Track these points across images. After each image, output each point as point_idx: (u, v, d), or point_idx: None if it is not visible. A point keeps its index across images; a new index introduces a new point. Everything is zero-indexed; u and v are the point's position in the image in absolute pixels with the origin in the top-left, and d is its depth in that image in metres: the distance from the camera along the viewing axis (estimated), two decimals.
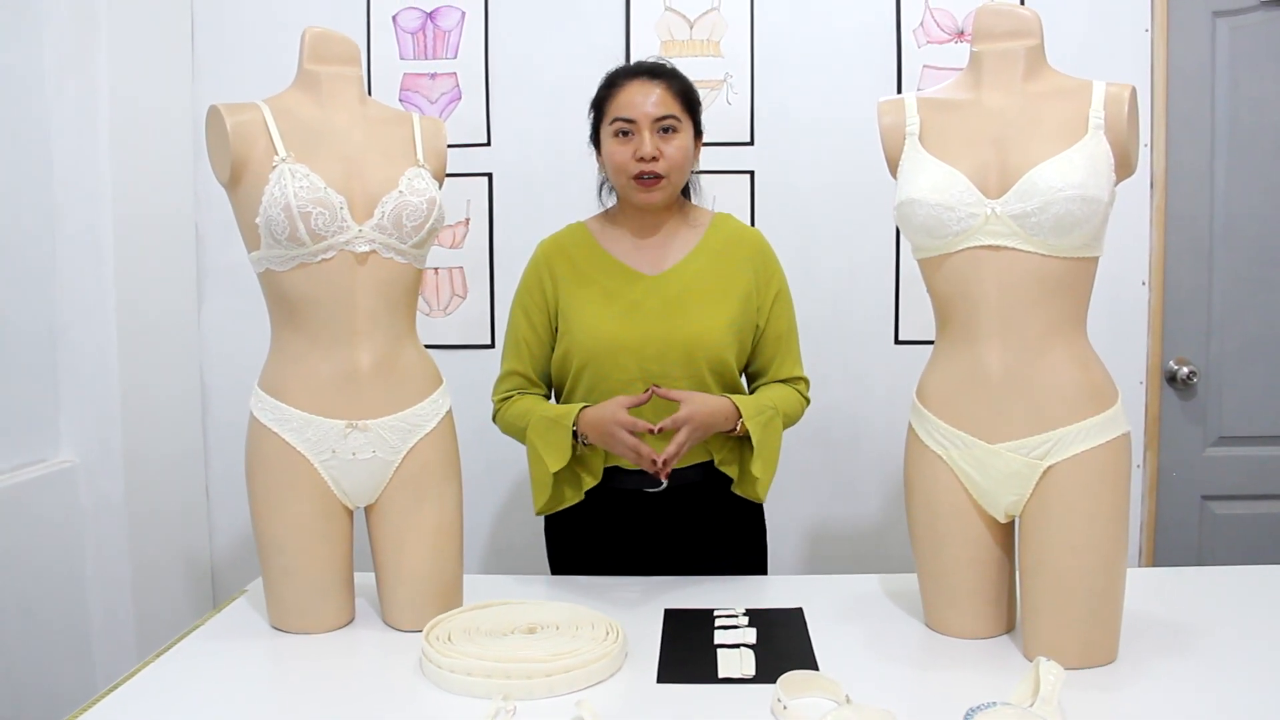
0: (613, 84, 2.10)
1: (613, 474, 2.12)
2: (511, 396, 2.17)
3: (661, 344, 2.07)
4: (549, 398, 2.22)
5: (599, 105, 2.13)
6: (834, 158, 3.00)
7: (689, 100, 2.11)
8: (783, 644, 1.75)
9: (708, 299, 2.10)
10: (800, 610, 1.90)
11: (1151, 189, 2.97)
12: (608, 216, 2.22)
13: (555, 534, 2.27)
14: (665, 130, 2.06)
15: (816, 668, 1.64)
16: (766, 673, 1.60)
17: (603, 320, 2.09)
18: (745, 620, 1.84)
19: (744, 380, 2.23)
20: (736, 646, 1.72)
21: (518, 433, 2.12)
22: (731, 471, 2.11)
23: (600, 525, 2.18)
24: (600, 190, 2.26)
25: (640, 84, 2.07)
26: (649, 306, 2.09)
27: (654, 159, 2.04)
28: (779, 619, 1.86)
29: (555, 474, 2.03)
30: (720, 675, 1.62)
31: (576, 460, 2.05)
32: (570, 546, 2.24)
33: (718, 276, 2.13)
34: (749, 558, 2.25)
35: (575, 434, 2.01)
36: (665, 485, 2.11)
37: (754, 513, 2.25)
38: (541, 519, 2.28)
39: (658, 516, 2.16)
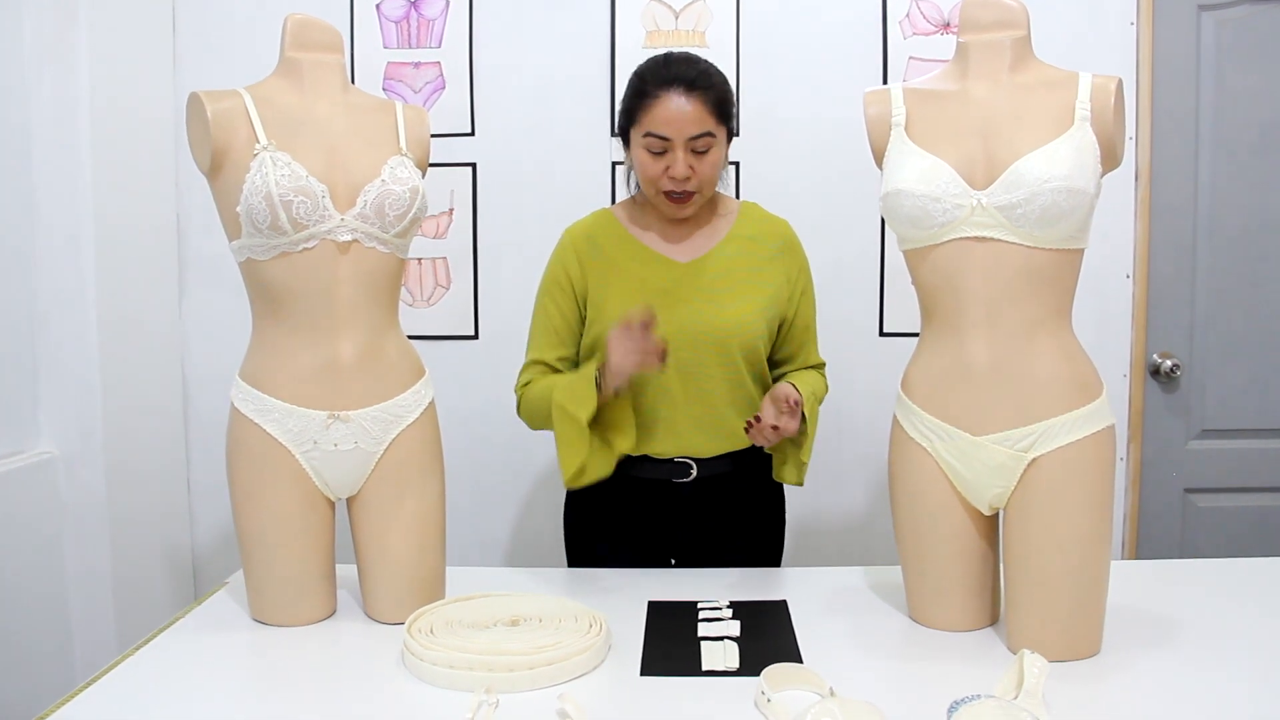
0: (646, 92, 1.99)
1: (641, 463, 2.10)
2: (531, 382, 2.12)
3: (695, 332, 2.05)
4: None
5: (630, 110, 2.03)
6: (819, 149, 2.99)
7: (724, 109, 2.02)
8: (767, 636, 1.74)
9: (740, 287, 2.09)
10: (784, 603, 1.90)
11: (1136, 182, 2.97)
12: (635, 204, 2.18)
13: (576, 523, 2.24)
14: (699, 149, 2.00)
15: (800, 660, 1.64)
16: (750, 665, 1.60)
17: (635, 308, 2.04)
18: (729, 613, 1.84)
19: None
20: (720, 639, 1.72)
21: (542, 413, 2.04)
22: (779, 457, 2.11)
23: (623, 516, 2.16)
24: (628, 177, 2.19)
25: (677, 96, 1.96)
26: (681, 294, 2.07)
27: (687, 179, 2.00)
28: (763, 611, 1.86)
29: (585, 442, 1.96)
30: (704, 668, 1.61)
31: (608, 425, 1.99)
32: (590, 536, 2.22)
33: (749, 265, 2.11)
34: (768, 547, 2.25)
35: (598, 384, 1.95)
36: (695, 475, 2.10)
37: (776, 502, 2.24)
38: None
39: (682, 507, 2.14)
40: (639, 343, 1.89)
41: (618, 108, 2.11)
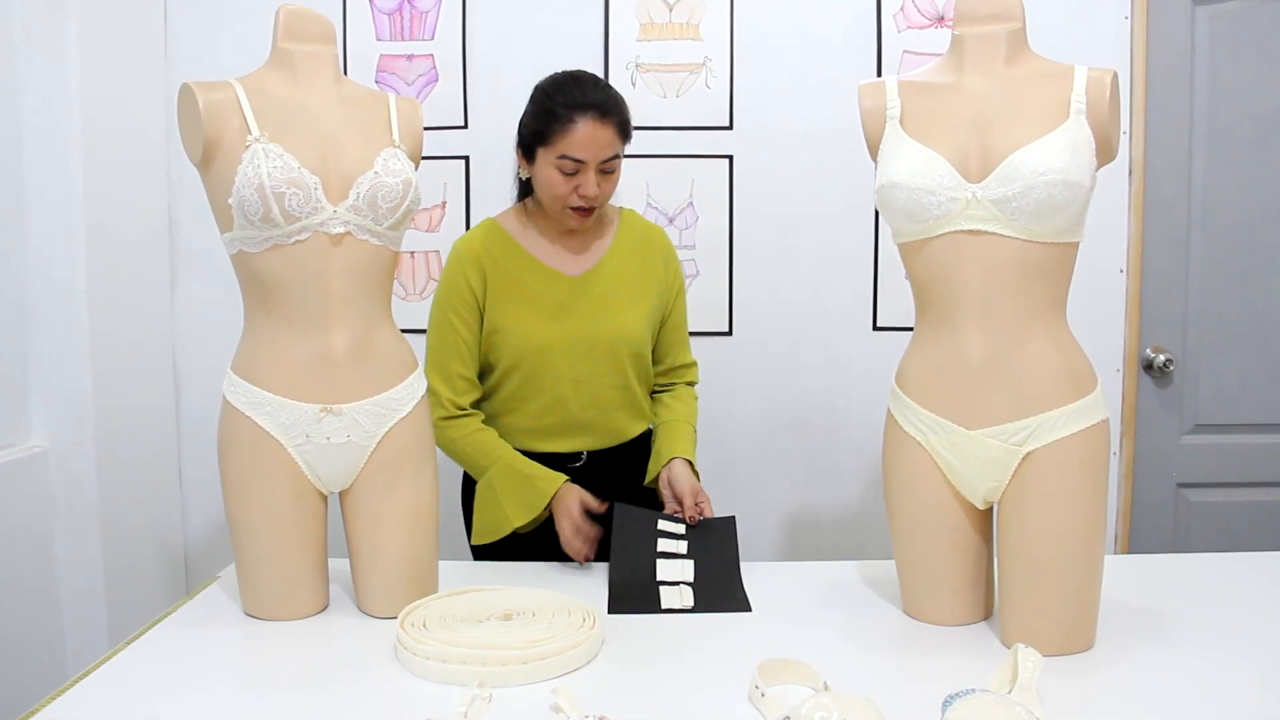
0: (559, 115, 2.06)
1: (533, 454, 2.17)
2: (467, 415, 2.18)
3: (588, 344, 2.16)
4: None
5: (543, 131, 2.09)
6: (813, 142, 2.99)
7: (628, 131, 2.14)
8: (713, 554, 2.00)
9: (627, 297, 2.20)
10: (732, 519, 2.08)
11: (1130, 176, 2.97)
12: (524, 213, 2.25)
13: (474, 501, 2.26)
14: (607, 170, 2.10)
15: (740, 579, 1.94)
16: (703, 603, 1.88)
17: (532, 323, 2.14)
18: (682, 528, 2.05)
19: None
20: (676, 584, 1.93)
21: (474, 466, 2.18)
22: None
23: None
24: (519, 186, 2.27)
25: (592, 124, 2.05)
26: (575, 308, 2.17)
27: (596, 197, 2.09)
28: (712, 529, 2.07)
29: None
30: (663, 607, 1.86)
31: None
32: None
33: (635, 274, 2.23)
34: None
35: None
36: (584, 461, 2.22)
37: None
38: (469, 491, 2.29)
39: (576, 480, 2.17)
40: (571, 543, 2.06)
41: (521, 122, 2.17)
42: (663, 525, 2.05)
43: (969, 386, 1.67)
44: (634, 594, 1.91)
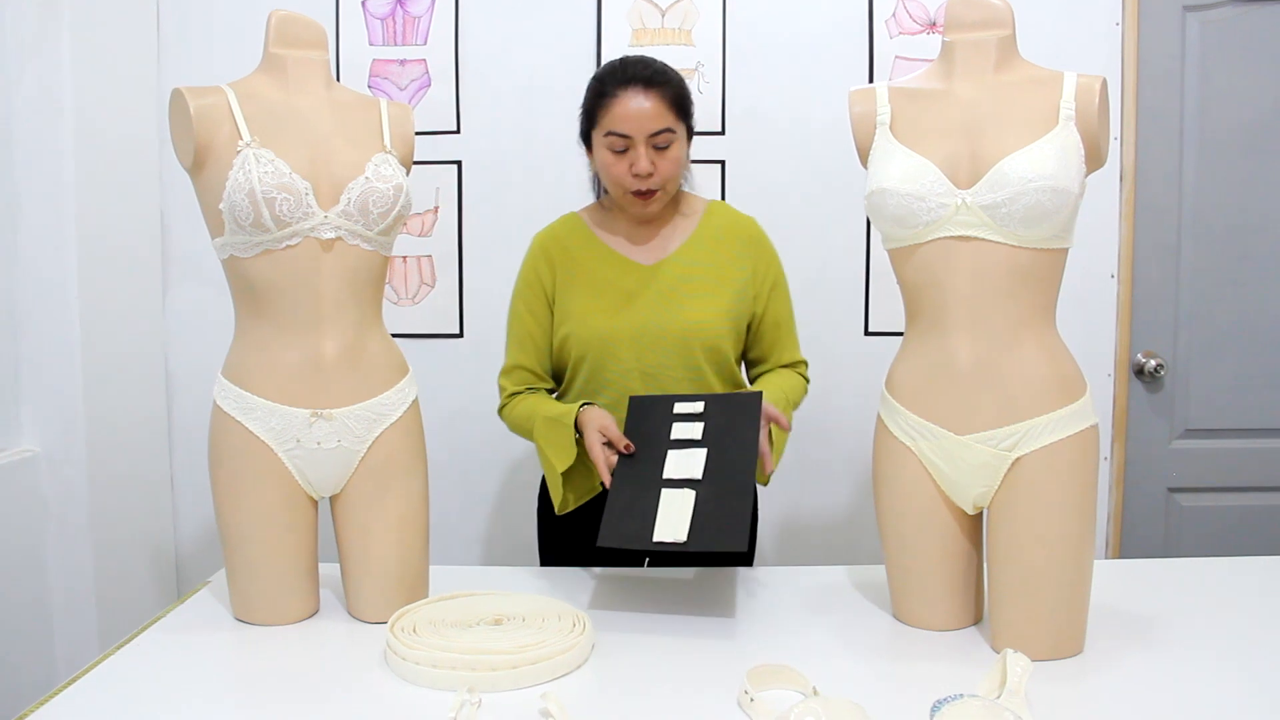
0: (604, 92, 2.03)
1: None
2: (519, 393, 2.15)
3: (657, 334, 2.08)
4: (555, 390, 2.20)
5: (591, 112, 2.07)
6: (805, 148, 2.99)
7: (683, 106, 2.07)
8: (730, 447, 1.84)
9: (703, 288, 2.11)
10: (759, 394, 1.92)
11: (1121, 182, 2.98)
12: (601, 208, 2.20)
13: (549, 517, 2.24)
14: (660, 144, 2.03)
15: (753, 473, 1.79)
16: (697, 535, 1.73)
17: (597, 311, 2.09)
18: (700, 406, 1.93)
19: (742, 368, 2.24)
20: (680, 486, 1.81)
21: (525, 433, 2.11)
22: None
23: (596, 513, 2.15)
24: (595, 183, 2.22)
25: (635, 94, 2.00)
26: (644, 297, 2.10)
27: (650, 175, 2.02)
28: (733, 404, 1.93)
29: (570, 472, 2.01)
30: (655, 539, 1.74)
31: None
32: (562, 534, 2.21)
33: (713, 265, 2.13)
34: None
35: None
36: None
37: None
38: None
39: None
40: (600, 456, 1.90)
41: (580, 113, 2.13)
42: (680, 408, 1.95)
43: (959, 392, 1.67)
44: (631, 508, 1.81)
